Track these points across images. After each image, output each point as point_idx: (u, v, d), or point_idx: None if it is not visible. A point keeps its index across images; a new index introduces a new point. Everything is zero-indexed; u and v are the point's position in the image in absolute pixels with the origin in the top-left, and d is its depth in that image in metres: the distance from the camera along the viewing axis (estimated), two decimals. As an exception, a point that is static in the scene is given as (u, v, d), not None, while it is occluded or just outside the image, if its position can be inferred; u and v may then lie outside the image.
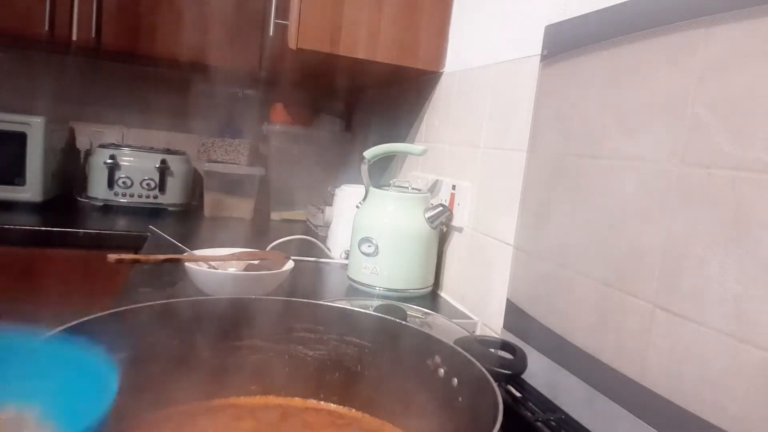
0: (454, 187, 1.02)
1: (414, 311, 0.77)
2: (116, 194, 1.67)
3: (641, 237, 0.56)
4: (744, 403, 0.44)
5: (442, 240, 1.06)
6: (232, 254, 0.91)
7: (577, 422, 0.58)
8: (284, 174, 1.71)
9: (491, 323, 0.86)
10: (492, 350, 0.63)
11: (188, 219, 1.68)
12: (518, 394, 0.61)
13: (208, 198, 1.72)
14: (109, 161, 1.65)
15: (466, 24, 1.07)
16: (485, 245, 0.91)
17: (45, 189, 1.56)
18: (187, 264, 0.83)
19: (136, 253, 1.27)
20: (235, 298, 0.57)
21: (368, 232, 0.98)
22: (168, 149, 1.82)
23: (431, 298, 1.02)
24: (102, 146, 1.72)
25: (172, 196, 1.73)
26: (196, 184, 1.84)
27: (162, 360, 0.48)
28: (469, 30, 1.05)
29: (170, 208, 1.73)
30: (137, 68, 1.90)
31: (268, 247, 1.11)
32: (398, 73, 1.20)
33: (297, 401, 0.57)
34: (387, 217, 0.98)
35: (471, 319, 0.92)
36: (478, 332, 0.90)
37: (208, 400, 0.53)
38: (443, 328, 0.74)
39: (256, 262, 0.91)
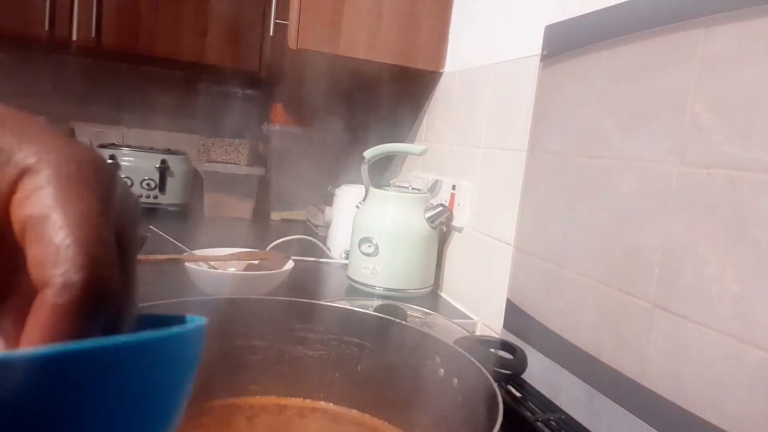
0: (454, 187, 1.02)
1: (414, 311, 0.77)
2: (116, 194, 1.67)
3: (641, 237, 0.56)
4: (744, 403, 0.44)
5: (442, 240, 1.06)
6: (232, 254, 0.91)
7: (577, 422, 0.58)
8: (284, 174, 1.71)
9: (491, 323, 0.86)
10: (492, 350, 0.63)
11: (188, 219, 1.68)
12: (518, 394, 0.61)
13: (208, 198, 1.72)
14: (109, 161, 1.65)
15: (466, 24, 1.07)
16: (485, 245, 0.91)
17: (45, 189, 1.56)
18: (187, 264, 0.83)
19: (136, 253, 1.27)
20: (235, 298, 0.57)
21: (368, 232, 0.98)
22: (168, 149, 1.82)
23: (431, 298, 1.02)
24: (102, 146, 1.72)
25: (172, 196, 1.73)
26: (196, 184, 1.84)
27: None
28: (469, 30, 1.05)
29: (170, 208, 1.73)
30: (137, 68, 1.90)
31: (268, 247, 1.11)
32: (398, 73, 1.20)
33: (297, 401, 0.57)
34: (387, 217, 0.98)
35: (471, 319, 0.92)
36: (478, 332, 0.90)
37: (208, 401, 0.53)
38: (443, 328, 0.74)
39: (256, 262, 0.91)
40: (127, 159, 1.68)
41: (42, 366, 0.15)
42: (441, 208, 0.99)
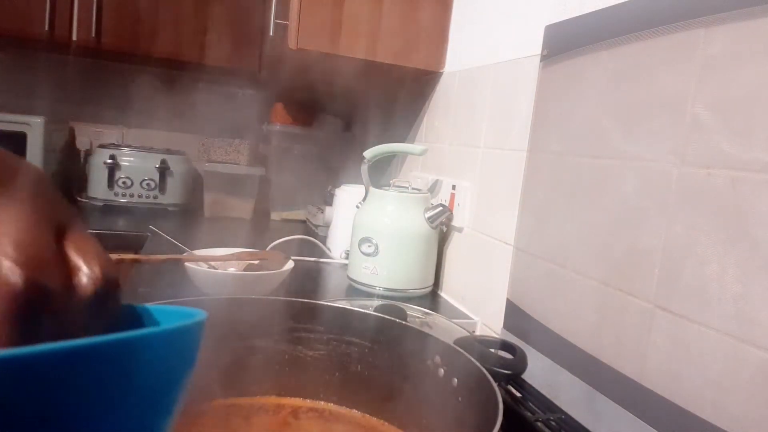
0: (454, 187, 1.02)
1: (414, 311, 0.77)
2: (116, 194, 1.67)
3: (641, 237, 0.56)
4: (744, 403, 0.44)
5: (442, 240, 1.06)
6: (232, 254, 0.91)
7: (577, 422, 0.58)
8: (284, 174, 1.71)
9: (491, 323, 0.86)
10: (492, 350, 0.63)
11: (188, 219, 1.68)
12: (518, 394, 0.61)
13: (208, 198, 1.72)
14: (109, 161, 1.65)
15: (466, 24, 1.07)
16: (485, 245, 0.91)
17: (45, 189, 1.55)
18: (187, 264, 0.83)
19: (136, 253, 1.27)
20: (235, 298, 0.57)
21: (368, 232, 0.98)
22: (168, 149, 1.82)
23: (431, 298, 1.02)
24: (102, 146, 1.72)
25: (172, 196, 1.73)
26: (196, 184, 1.84)
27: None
28: (469, 30, 1.05)
29: (170, 208, 1.73)
30: (137, 68, 1.90)
31: (268, 247, 1.11)
32: (398, 73, 1.20)
33: (297, 401, 0.57)
34: (387, 217, 0.98)
35: (471, 319, 0.92)
36: (478, 332, 0.90)
37: (208, 401, 0.53)
38: (443, 328, 0.74)
39: (256, 262, 0.91)
40: (127, 159, 1.68)
41: (37, 363, 0.15)
42: (441, 208, 0.99)
